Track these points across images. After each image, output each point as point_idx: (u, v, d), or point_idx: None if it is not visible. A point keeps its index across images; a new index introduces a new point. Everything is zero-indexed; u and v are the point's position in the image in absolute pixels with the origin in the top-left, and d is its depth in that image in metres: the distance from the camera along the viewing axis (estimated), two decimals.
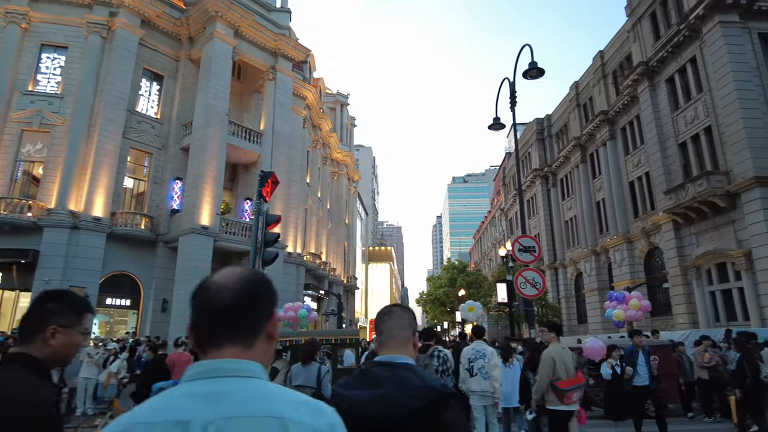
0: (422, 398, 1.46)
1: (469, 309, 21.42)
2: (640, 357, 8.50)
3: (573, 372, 5.67)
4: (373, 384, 1.56)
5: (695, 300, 21.76)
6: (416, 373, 1.60)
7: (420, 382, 1.54)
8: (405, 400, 1.46)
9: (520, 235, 11.83)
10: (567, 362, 5.66)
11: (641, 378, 8.40)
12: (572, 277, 36.53)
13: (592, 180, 33.67)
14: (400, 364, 1.64)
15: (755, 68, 20.23)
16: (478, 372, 7.07)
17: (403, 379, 1.55)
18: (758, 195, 18.52)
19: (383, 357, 1.70)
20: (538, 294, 11.37)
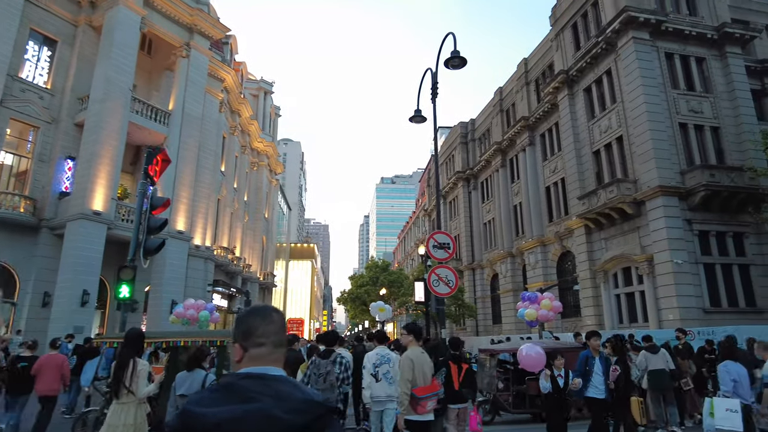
0: (307, 413, 1.33)
1: (379, 309, 20.87)
2: (596, 365, 7.16)
3: (429, 379, 5.20)
4: (244, 398, 1.33)
5: (602, 302, 22.63)
6: (296, 386, 1.43)
7: (302, 395, 1.39)
8: (287, 416, 1.30)
9: (435, 231, 11.25)
10: (424, 367, 5.20)
11: (596, 390, 7.14)
12: (489, 277, 37.27)
13: (511, 184, 34.48)
14: (274, 376, 1.45)
15: (661, 84, 21.36)
16: (383, 377, 6.77)
17: (282, 392, 1.38)
18: (661, 203, 19.48)
19: (254, 369, 1.47)
20: (450, 292, 10.85)
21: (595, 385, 7.07)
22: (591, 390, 7.14)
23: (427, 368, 5.28)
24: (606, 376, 7.15)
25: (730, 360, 6.76)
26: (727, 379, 6.52)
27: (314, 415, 1.34)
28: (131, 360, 5.53)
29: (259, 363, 1.50)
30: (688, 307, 18.37)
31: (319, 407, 1.37)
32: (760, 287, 19.74)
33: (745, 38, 22.73)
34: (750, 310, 19.28)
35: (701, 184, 19.23)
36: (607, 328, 21.61)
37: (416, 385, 5.07)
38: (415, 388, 5.07)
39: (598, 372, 7.09)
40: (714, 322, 18.11)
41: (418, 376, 5.11)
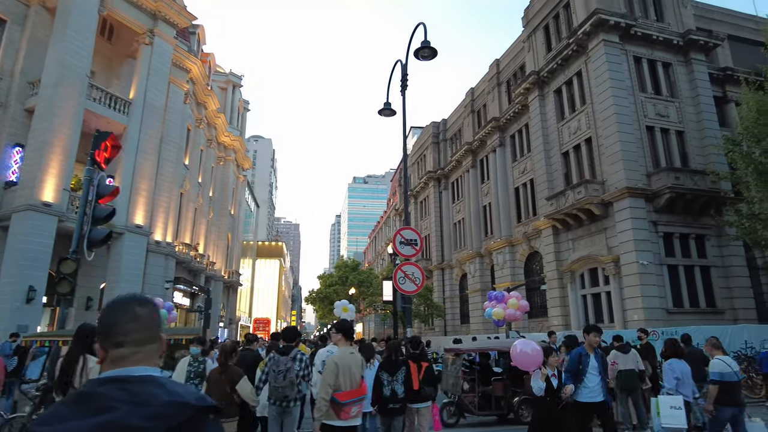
0: (170, 418, 1.18)
1: (343, 309, 20.40)
2: (591, 363, 6.31)
3: (358, 381, 4.83)
4: (99, 409, 1.16)
5: (569, 303, 22.75)
6: (162, 386, 1.25)
7: (167, 398, 1.21)
8: (146, 423, 1.14)
9: (402, 227, 10.89)
10: (353, 369, 4.82)
11: (591, 392, 6.22)
12: (457, 277, 37.24)
13: (481, 185, 34.51)
14: (139, 377, 1.26)
15: (630, 87, 21.60)
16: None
17: (144, 395, 1.21)
18: (628, 205, 19.66)
19: (115, 372, 1.28)
20: (416, 290, 10.51)
21: (588, 386, 6.24)
22: (583, 393, 6.22)
23: (356, 370, 4.87)
24: (604, 376, 6.39)
25: (674, 358, 6.90)
26: (670, 377, 6.69)
27: (180, 419, 1.19)
28: (81, 357, 4.96)
29: (121, 365, 1.33)
30: (652, 308, 18.57)
31: (186, 409, 1.22)
32: (720, 288, 20.15)
33: (708, 46, 23.24)
34: (710, 311, 19.65)
35: (667, 186, 19.50)
36: (573, 329, 21.72)
37: (340, 390, 4.68)
38: (338, 393, 4.67)
39: (594, 371, 6.28)
40: (676, 323, 18.36)
41: (343, 379, 4.71)
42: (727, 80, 24.93)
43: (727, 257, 20.44)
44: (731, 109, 24.51)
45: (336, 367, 4.73)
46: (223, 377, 5.63)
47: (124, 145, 22.60)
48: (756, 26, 27.90)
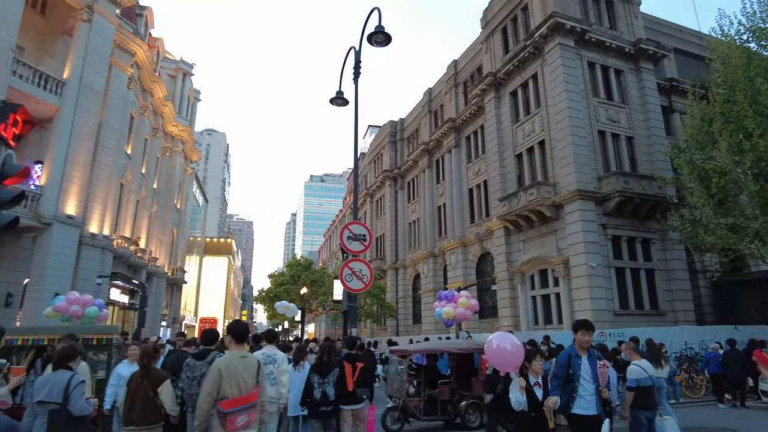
0: None
1: (285, 308, 19.68)
2: (583, 367, 4.98)
3: (251, 387, 4.27)
4: None
5: (519, 303, 22.79)
6: None
7: None
8: None
9: (351, 222, 10.30)
10: (243, 375, 4.24)
11: (585, 403, 4.88)
12: (411, 277, 36.98)
13: (436, 185, 34.38)
14: None
15: (583, 91, 21.87)
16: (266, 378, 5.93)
17: None
18: (578, 207, 19.83)
19: None
20: (364, 288, 9.95)
21: (582, 395, 4.85)
22: (578, 404, 4.85)
23: (248, 375, 4.27)
24: (597, 384, 5.01)
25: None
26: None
27: None
28: None
29: None
30: (600, 310, 18.77)
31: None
32: (663, 291, 20.68)
33: (657, 56, 23.90)
34: (653, 313, 20.11)
35: (616, 190, 19.80)
36: (523, 329, 21.79)
37: (226, 397, 4.10)
38: (222, 401, 4.08)
39: (587, 377, 4.93)
40: (623, 324, 18.65)
41: (230, 387, 4.14)
42: (673, 90, 25.79)
43: (670, 261, 21.00)
44: (676, 119, 25.36)
45: (219, 374, 4.14)
46: (144, 381, 5.03)
47: (57, 129, 20.88)
48: (699, 41, 29.09)
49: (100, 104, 22.67)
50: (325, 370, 6.46)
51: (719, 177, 15.35)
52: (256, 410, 4.24)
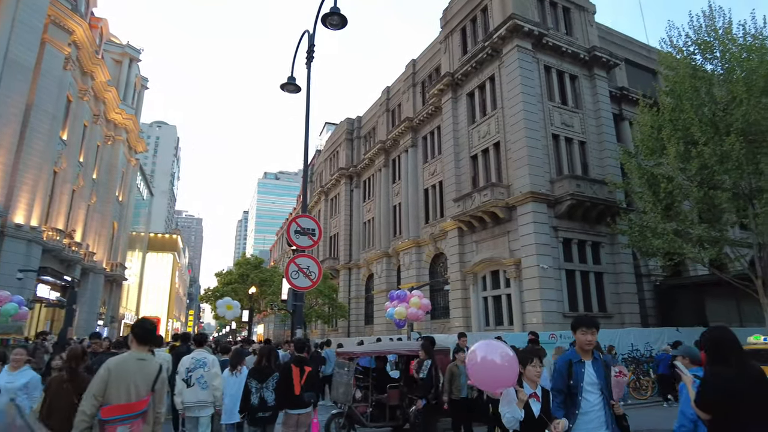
0: None
1: (227, 307, 18.73)
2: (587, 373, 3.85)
3: (143, 394, 3.70)
4: None
5: (471, 304, 22.67)
6: None
7: None
8: None
9: (299, 215, 9.64)
10: (137, 379, 3.69)
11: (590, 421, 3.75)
12: (364, 277, 36.44)
13: (392, 184, 34.02)
14: None
15: (539, 95, 22.03)
16: (196, 382, 6.39)
17: None
18: (531, 209, 19.89)
19: None
20: (311, 285, 9.29)
21: (585, 411, 3.76)
22: (581, 424, 3.74)
23: (142, 381, 3.68)
24: (608, 394, 3.86)
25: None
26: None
27: None
28: None
29: None
30: (550, 311, 18.86)
31: None
32: (611, 294, 21.08)
33: (610, 64, 24.47)
34: (601, 315, 20.41)
35: (569, 193, 20.00)
36: (474, 330, 21.67)
37: (109, 403, 3.54)
38: (104, 407, 3.51)
39: (592, 388, 3.80)
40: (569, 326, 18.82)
41: (116, 391, 3.56)
42: (624, 99, 26.51)
43: (618, 264, 21.45)
44: (626, 127, 26.06)
45: (107, 375, 3.55)
46: (69, 386, 4.50)
47: None
48: (648, 54, 30.14)
49: (29, 83, 20.91)
50: (263, 374, 6.21)
51: (667, 182, 15.67)
52: (140, 421, 3.60)
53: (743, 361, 3.19)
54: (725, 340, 3.27)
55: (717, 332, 3.37)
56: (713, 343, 3.30)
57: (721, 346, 3.24)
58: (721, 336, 3.31)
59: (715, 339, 3.32)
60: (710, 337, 3.36)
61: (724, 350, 3.21)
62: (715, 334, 3.36)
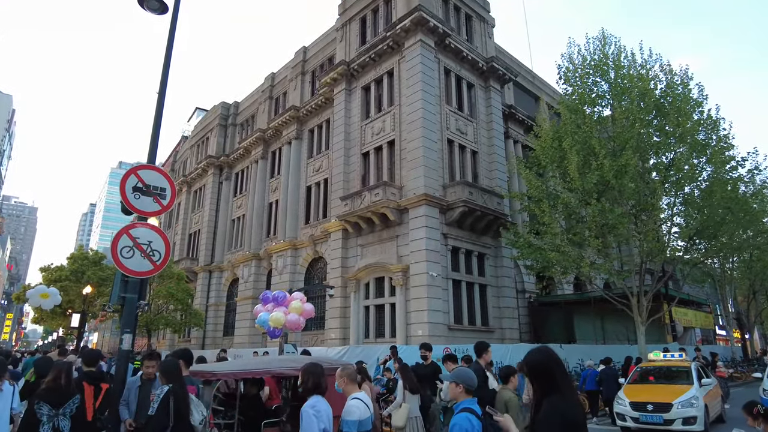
0: None
1: (41, 296, 14.44)
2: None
3: None
4: None
5: (350, 313, 20.48)
6: None
7: None
8: None
9: (139, 165, 6.66)
10: None
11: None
12: (227, 282, 32.36)
13: (269, 179, 30.78)
14: None
15: (438, 96, 20.99)
16: None
17: None
18: (423, 212, 18.48)
19: None
20: (153, 271, 6.40)
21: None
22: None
23: None
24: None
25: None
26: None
27: None
28: None
29: None
30: (437, 323, 17.45)
31: None
32: (493, 307, 20.46)
33: (505, 78, 24.54)
34: (484, 329, 19.64)
35: (461, 199, 19.01)
36: (351, 342, 19.50)
37: None
38: None
39: None
40: (456, 340, 17.59)
41: None
42: (510, 117, 26.83)
43: (500, 278, 20.98)
44: (510, 145, 26.29)
45: None
46: None
47: None
48: (532, 80, 31.40)
49: None
50: (60, 397, 4.98)
51: (568, 193, 15.21)
52: None
53: (573, 388, 2.91)
54: (556, 364, 2.83)
55: (544, 355, 2.87)
56: (544, 368, 2.81)
57: (553, 371, 2.79)
58: (551, 359, 2.84)
59: (545, 363, 2.82)
60: (539, 360, 2.86)
61: (557, 376, 2.78)
62: (544, 357, 2.86)
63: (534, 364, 2.86)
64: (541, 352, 2.93)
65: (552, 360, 2.83)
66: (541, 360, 2.85)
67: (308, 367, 3.99)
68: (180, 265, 33.27)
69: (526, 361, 2.93)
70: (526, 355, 3.01)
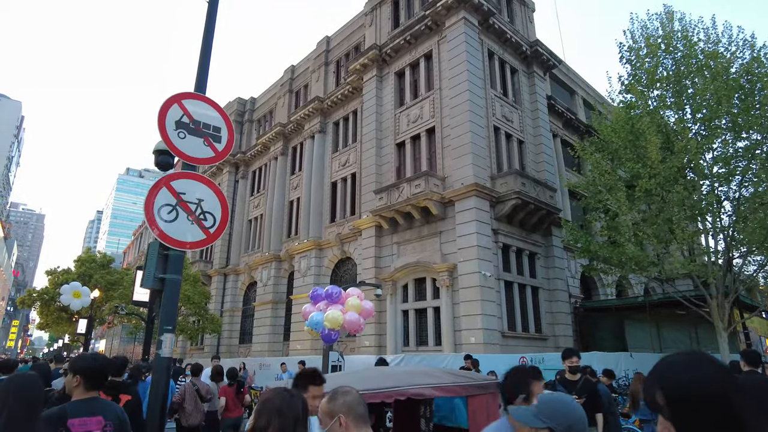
0: None
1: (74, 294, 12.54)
2: None
3: None
4: None
5: (386, 318, 18.43)
6: None
7: None
8: None
9: (187, 93, 4.66)
10: None
11: None
12: (243, 286, 30.39)
13: (290, 176, 28.90)
14: None
15: (482, 80, 19.07)
16: None
17: None
18: (473, 205, 16.47)
19: None
20: (206, 241, 4.37)
21: None
22: None
23: None
24: None
25: None
26: None
27: None
28: None
29: None
30: (491, 329, 15.37)
31: None
32: (546, 313, 18.37)
33: (549, 64, 22.65)
34: (537, 337, 17.55)
35: (514, 191, 17.01)
36: (389, 351, 17.43)
37: None
38: None
39: None
40: (509, 348, 15.57)
41: None
42: (550, 109, 24.85)
43: (552, 280, 18.90)
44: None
45: None
46: None
47: None
48: (566, 71, 29.47)
49: None
50: None
51: (648, 178, 13.17)
52: None
53: None
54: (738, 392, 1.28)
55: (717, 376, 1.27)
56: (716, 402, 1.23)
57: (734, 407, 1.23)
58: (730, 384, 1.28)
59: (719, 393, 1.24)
60: (709, 385, 1.25)
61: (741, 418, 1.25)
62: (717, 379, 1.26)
63: (695, 392, 1.26)
64: (706, 367, 1.29)
65: (731, 386, 1.27)
66: (711, 386, 1.26)
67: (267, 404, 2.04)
68: (194, 268, 31.36)
69: (670, 382, 1.31)
70: (664, 369, 1.37)
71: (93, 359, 3.31)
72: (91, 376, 3.16)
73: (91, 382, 3.16)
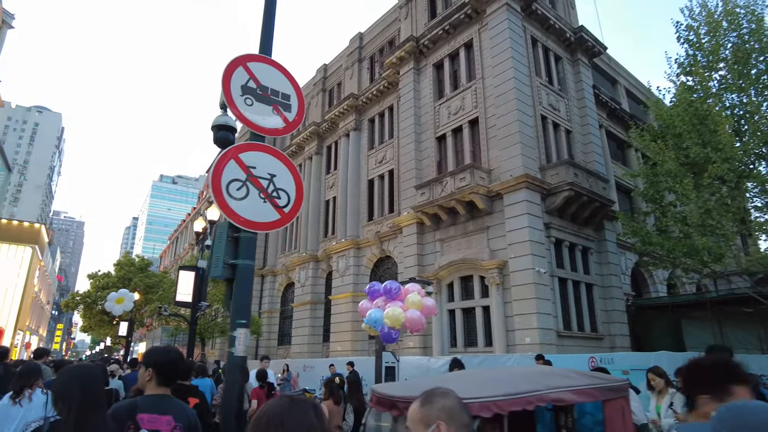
0: None
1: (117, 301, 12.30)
2: None
3: None
4: None
5: (431, 319, 17.70)
6: None
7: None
8: None
9: (253, 55, 4.08)
10: None
11: None
12: (281, 287, 30.16)
13: (325, 175, 28.54)
14: None
15: (527, 67, 18.20)
16: None
17: None
18: (524, 197, 15.62)
19: None
20: (281, 222, 3.78)
21: None
22: None
23: None
24: None
25: None
26: None
27: None
28: None
29: None
30: (547, 329, 14.49)
31: None
32: (600, 311, 17.33)
33: (594, 50, 21.55)
34: (593, 336, 16.53)
35: (566, 182, 16.08)
36: (435, 352, 16.72)
37: None
38: None
39: None
40: (565, 348, 14.65)
41: None
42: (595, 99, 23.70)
43: (606, 276, 17.84)
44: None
45: None
46: None
47: None
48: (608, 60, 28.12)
49: None
50: None
51: (722, 162, 12.09)
52: None
53: None
54: None
55: None
56: None
57: None
58: None
59: None
60: None
61: None
62: None
63: None
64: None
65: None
66: None
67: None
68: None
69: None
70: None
71: (166, 352, 3.04)
72: (163, 370, 2.88)
73: (162, 376, 2.87)
